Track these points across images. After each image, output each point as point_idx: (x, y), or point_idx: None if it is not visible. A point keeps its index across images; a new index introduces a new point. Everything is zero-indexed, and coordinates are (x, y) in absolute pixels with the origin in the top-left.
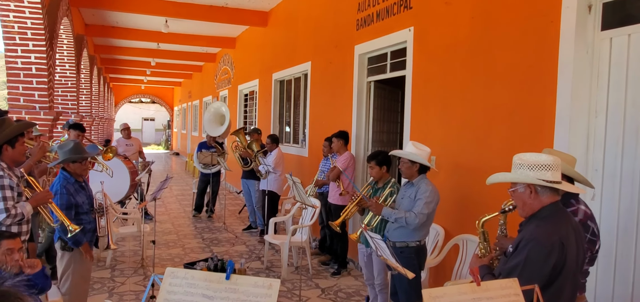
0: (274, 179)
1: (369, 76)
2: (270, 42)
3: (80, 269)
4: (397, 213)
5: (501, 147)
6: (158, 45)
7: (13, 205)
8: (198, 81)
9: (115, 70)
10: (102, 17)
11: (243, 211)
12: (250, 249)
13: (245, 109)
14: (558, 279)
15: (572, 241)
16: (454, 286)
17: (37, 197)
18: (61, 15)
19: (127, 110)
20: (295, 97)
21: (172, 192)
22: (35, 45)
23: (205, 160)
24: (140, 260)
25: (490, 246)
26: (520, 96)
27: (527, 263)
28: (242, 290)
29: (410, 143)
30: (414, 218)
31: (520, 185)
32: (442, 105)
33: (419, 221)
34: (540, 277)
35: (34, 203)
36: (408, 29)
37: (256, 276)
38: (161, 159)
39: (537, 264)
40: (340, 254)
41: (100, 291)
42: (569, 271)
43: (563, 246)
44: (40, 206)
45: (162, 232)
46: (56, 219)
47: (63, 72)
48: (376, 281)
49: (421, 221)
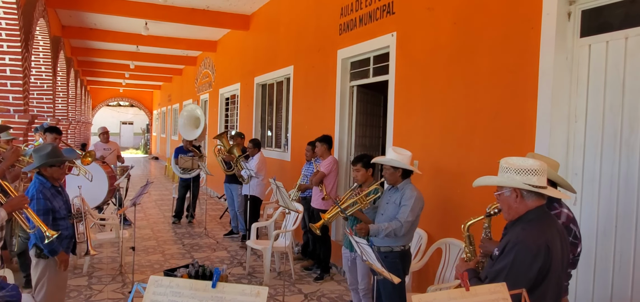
0: (257, 183)
1: (352, 81)
2: (252, 46)
3: (55, 277)
4: (386, 229)
5: (483, 151)
6: (137, 47)
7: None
8: (178, 84)
9: (93, 73)
10: (80, 19)
11: (224, 216)
12: (232, 255)
13: (226, 113)
14: (544, 283)
15: (557, 244)
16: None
17: (12, 202)
18: (37, 16)
19: (105, 114)
20: (278, 101)
21: (151, 197)
22: (10, 47)
23: (185, 165)
24: (118, 267)
25: (476, 249)
26: (502, 101)
27: (513, 266)
28: (229, 298)
29: (390, 149)
30: (401, 227)
31: (507, 189)
32: (425, 110)
33: (405, 229)
34: (526, 281)
35: (8, 208)
36: (391, 34)
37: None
38: (140, 164)
39: (523, 267)
40: (323, 258)
41: (77, 299)
42: (554, 274)
43: (549, 249)
44: (15, 211)
45: (141, 238)
46: (32, 225)
47: (39, 75)
48: (360, 286)
49: (407, 228)
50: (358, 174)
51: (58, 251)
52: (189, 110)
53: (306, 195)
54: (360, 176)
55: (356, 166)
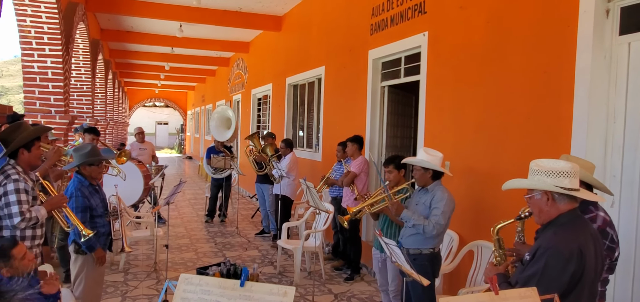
0: (288, 183)
1: (383, 81)
2: (284, 47)
3: (93, 272)
4: (416, 219)
5: (516, 152)
6: (172, 49)
7: (28, 208)
8: (211, 85)
9: (130, 75)
10: (118, 22)
11: (256, 215)
12: (263, 254)
13: (258, 114)
14: (576, 288)
15: (590, 249)
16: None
17: (52, 201)
18: (77, 20)
19: (141, 114)
20: (309, 102)
21: (185, 196)
22: (52, 50)
23: (217, 165)
24: (153, 264)
25: (505, 253)
26: (536, 101)
27: (545, 271)
28: (257, 297)
29: (422, 149)
30: (432, 229)
31: (537, 192)
32: (456, 110)
33: (437, 232)
34: (558, 286)
35: (48, 207)
36: (422, 34)
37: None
38: (174, 163)
39: (555, 272)
40: (354, 259)
41: (114, 294)
42: (588, 279)
43: (582, 254)
44: (54, 210)
45: (175, 236)
46: (70, 224)
47: (78, 77)
48: (390, 287)
49: (438, 231)
50: (390, 175)
51: (95, 247)
52: (220, 111)
53: (337, 195)
54: (392, 177)
55: (388, 167)
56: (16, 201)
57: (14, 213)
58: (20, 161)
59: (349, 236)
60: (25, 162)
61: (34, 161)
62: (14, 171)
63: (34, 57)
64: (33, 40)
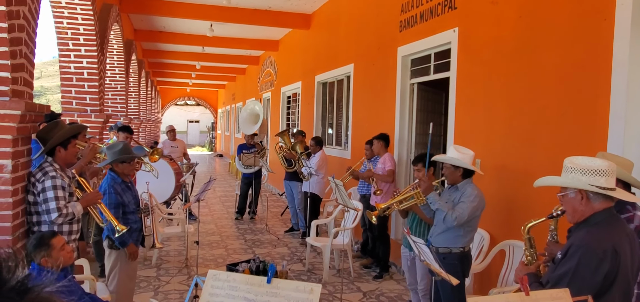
0: (316, 181)
1: (412, 78)
2: (313, 45)
3: (126, 267)
4: (441, 204)
5: (549, 150)
6: (203, 48)
7: (65, 204)
8: (242, 84)
9: (162, 74)
10: (150, 23)
11: (285, 213)
12: (292, 251)
13: (288, 112)
14: (611, 289)
15: (626, 249)
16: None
17: (88, 197)
18: (111, 21)
19: (173, 113)
20: (338, 99)
21: (216, 194)
22: (87, 51)
23: (247, 161)
24: (184, 260)
25: (537, 252)
26: (570, 97)
27: (577, 271)
28: (284, 294)
29: (452, 147)
30: (453, 220)
31: (571, 190)
32: (487, 107)
33: (458, 222)
34: (591, 286)
35: (84, 203)
36: (452, 30)
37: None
38: (205, 161)
39: (588, 272)
40: (383, 257)
41: (147, 289)
42: (623, 280)
43: (616, 253)
44: (90, 206)
45: (206, 233)
46: (105, 219)
47: (113, 76)
48: (419, 286)
49: (460, 222)
50: (419, 173)
51: (128, 242)
52: (250, 107)
53: (366, 193)
54: (421, 175)
55: (417, 165)
56: (54, 197)
57: (52, 209)
58: (57, 158)
59: (377, 234)
60: (61, 159)
61: (70, 158)
62: (51, 168)
63: (71, 57)
64: (69, 41)
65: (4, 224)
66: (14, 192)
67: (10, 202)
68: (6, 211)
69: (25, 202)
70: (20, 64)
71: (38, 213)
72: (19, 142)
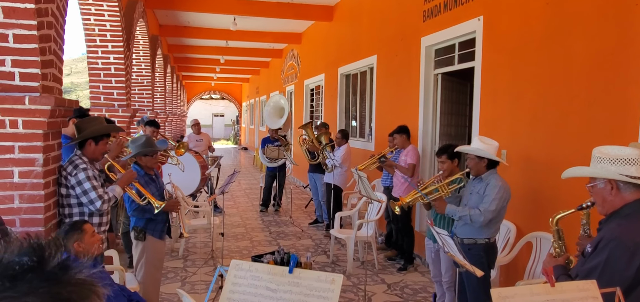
0: (339, 173)
1: (436, 68)
2: (336, 37)
3: (152, 258)
4: (462, 211)
5: (578, 140)
6: (227, 42)
7: (104, 191)
8: (265, 77)
9: (187, 68)
10: (175, 18)
11: (309, 205)
12: (317, 243)
13: (311, 104)
14: None
15: None
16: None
17: (124, 177)
18: (137, 17)
19: (198, 107)
20: (361, 91)
21: (241, 186)
22: (114, 47)
23: (271, 154)
24: (210, 251)
25: (565, 244)
26: (600, 86)
27: (607, 264)
28: (305, 284)
29: (476, 138)
30: (479, 216)
31: (600, 180)
32: (513, 97)
33: (485, 219)
34: (622, 281)
35: (122, 184)
36: (477, 19)
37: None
38: (230, 154)
39: (619, 266)
40: (407, 249)
41: (174, 280)
42: None
43: None
44: (127, 186)
45: (231, 225)
46: (144, 197)
47: (139, 72)
48: (444, 278)
49: (487, 218)
50: (443, 165)
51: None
52: (275, 100)
53: (389, 185)
54: (445, 167)
55: (441, 157)
56: (91, 187)
57: (94, 198)
58: (86, 151)
59: (401, 226)
60: (90, 153)
61: (97, 154)
62: (81, 161)
63: (98, 53)
64: (97, 37)
65: (36, 216)
66: (45, 185)
67: (42, 195)
68: (38, 203)
69: (57, 194)
70: (50, 60)
71: (69, 205)
72: (49, 137)
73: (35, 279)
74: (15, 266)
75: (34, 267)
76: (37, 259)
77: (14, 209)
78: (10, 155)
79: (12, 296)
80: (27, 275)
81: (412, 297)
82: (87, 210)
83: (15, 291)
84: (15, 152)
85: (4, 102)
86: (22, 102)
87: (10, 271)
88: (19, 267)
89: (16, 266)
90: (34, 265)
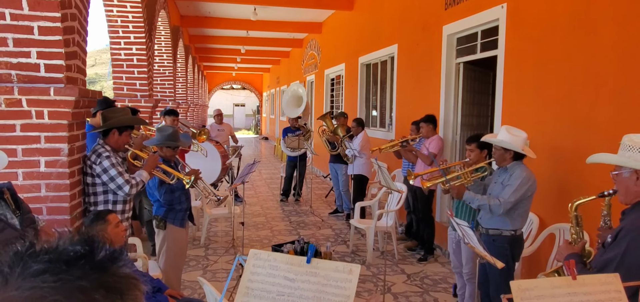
0: (362, 162)
1: (458, 57)
2: (356, 26)
3: (173, 246)
4: (481, 200)
5: (606, 130)
6: (247, 32)
7: (130, 176)
8: (286, 67)
9: (208, 59)
10: (196, 8)
11: (329, 195)
12: (336, 233)
13: (332, 94)
14: None
15: None
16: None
17: (149, 162)
18: (159, 8)
19: (220, 97)
20: (382, 81)
21: (261, 176)
22: (136, 38)
23: (292, 144)
24: (231, 240)
25: (583, 231)
26: (629, 74)
27: (626, 256)
28: (323, 274)
29: (503, 128)
30: (499, 206)
31: (626, 169)
32: (538, 86)
33: (504, 209)
34: None
35: (148, 168)
36: (501, 6)
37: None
38: (251, 144)
39: (638, 258)
40: (427, 240)
41: (196, 267)
42: None
43: None
44: (153, 169)
45: (252, 215)
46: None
47: (161, 62)
48: (464, 270)
49: (506, 208)
50: (472, 154)
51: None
52: (292, 90)
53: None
54: (473, 156)
55: (470, 145)
56: (118, 174)
57: (121, 184)
58: (110, 140)
59: (422, 216)
60: (113, 142)
61: (119, 145)
62: (104, 150)
63: (121, 45)
64: (119, 29)
65: (62, 205)
66: (70, 174)
67: (67, 184)
68: (64, 192)
69: (82, 183)
70: (74, 52)
71: (95, 194)
72: (74, 127)
73: (87, 265)
74: (70, 252)
75: (86, 255)
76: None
77: (41, 198)
78: (37, 145)
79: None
80: (80, 261)
81: (431, 288)
82: (112, 197)
83: (69, 274)
84: (41, 142)
85: (30, 93)
86: (48, 93)
87: (66, 256)
88: (73, 253)
89: (71, 252)
90: (86, 253)
